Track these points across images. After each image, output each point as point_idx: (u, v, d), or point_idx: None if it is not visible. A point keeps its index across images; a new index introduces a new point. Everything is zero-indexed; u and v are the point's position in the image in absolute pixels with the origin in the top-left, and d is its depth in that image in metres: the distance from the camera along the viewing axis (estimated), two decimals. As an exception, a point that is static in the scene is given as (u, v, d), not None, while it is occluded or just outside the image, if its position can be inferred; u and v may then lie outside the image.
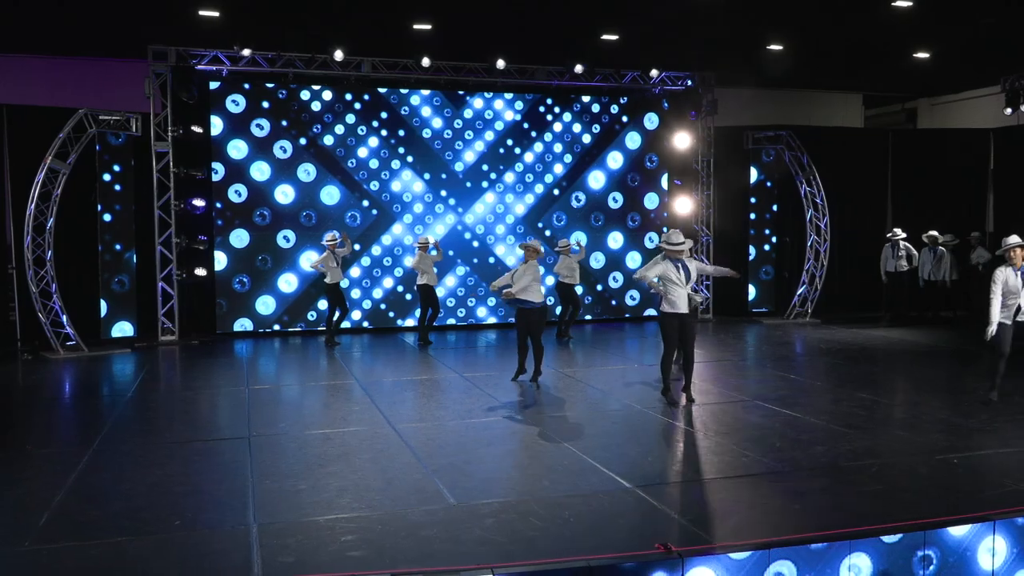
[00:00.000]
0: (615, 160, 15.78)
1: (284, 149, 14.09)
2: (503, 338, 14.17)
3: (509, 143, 15.18)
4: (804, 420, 7.95)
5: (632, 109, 15.84)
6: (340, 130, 14.35)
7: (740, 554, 4.42)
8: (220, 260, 13.92)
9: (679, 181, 16.01)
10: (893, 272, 15.25)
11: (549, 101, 15.38)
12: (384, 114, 14.56)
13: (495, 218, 15.20)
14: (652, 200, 16.05)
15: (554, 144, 15.40)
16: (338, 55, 13.48)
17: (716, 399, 9.09)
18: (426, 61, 14.01)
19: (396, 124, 14.63)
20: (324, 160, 14.29)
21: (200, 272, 13.59)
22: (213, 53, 13.41)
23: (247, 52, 13.41)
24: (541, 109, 15.35)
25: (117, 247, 13.26)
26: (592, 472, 6.40)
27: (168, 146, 13.31)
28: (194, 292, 13.92)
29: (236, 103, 13.88)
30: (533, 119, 15.30)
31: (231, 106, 13.86)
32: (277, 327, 14.27)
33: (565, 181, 15.52)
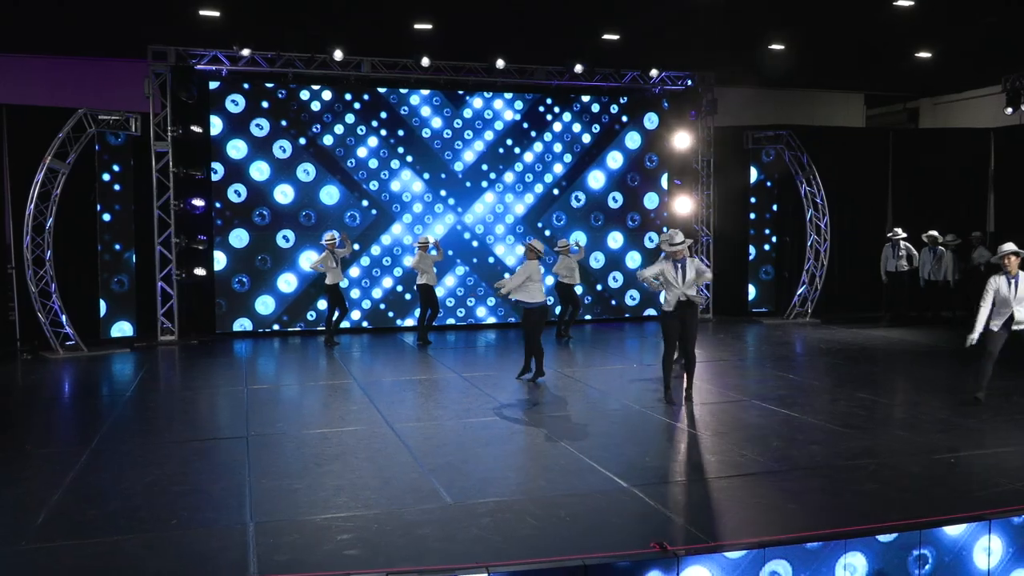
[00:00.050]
0: (615, 160, 15.77)
1: (283, 149, 14.09)
2: (502, 338, 14.18)
3: (509, 143, 15.18)
4: (802, 420, 7.95)
5: (632, 109, 15.83)
6: (339, 130, 14.35)
7: (735, 553, 4.41)
8: (219, 260, 13.92)
9: (679, 181, 16.00)
10: (894, 272, 15.22)
11: (549, 101, 15.37)
12: (383, 114, 14.56)
13: (494, 218, 15.20)
14: (652, 200, 16.04)
15: (554, 144, 15.40)
16: (338, 55, 13.48)
17: (715, 399, 9.09)
18: (426, 61, 14.00)
19: (395, 124, 14.63)
20: (323, 160, 14.29)
21: (199, 272, 13.60)
22: (213, 53, 13.41)
23: (247, 52, 13.41)
24: (541, 109, 15.34)
25: (116, 247, 13.27)
26: (589, 472, 6.40)
27: (168, 146, 13.31)
28: (193, 292, 13.91)
29: (235, 103, 13.88)
30: (533, 119, 15.30)
31: (230, 106, 13.86)
32: (276, 327, 14.27)
33: (565, 181, 15.51)
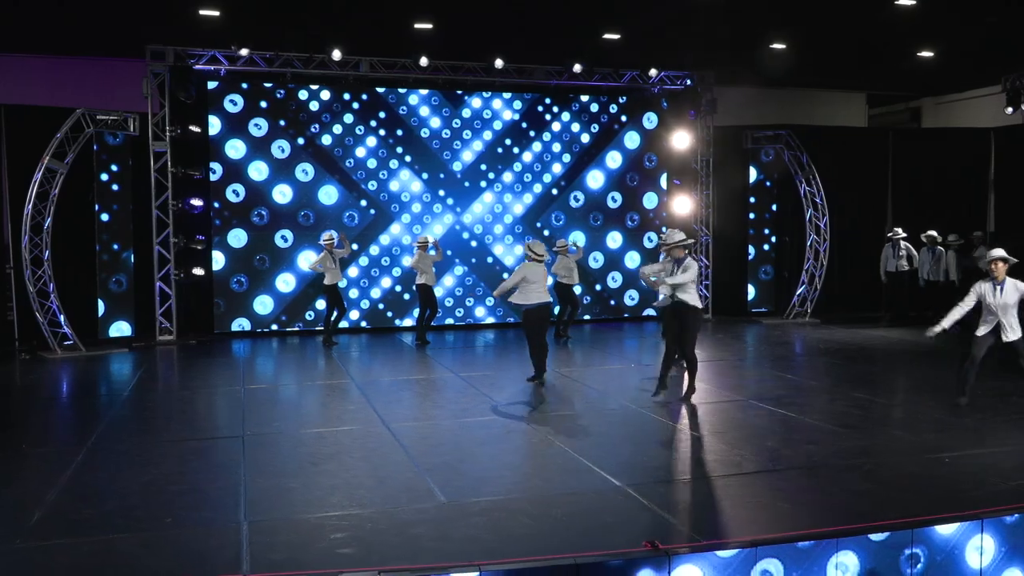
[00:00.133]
0: (614, 160, 15.76)
1: (282, 149, 14.10)
2: (501, 338, 14.19)
3: (507, 143, 15.18)
4: (799, 420, 7.95)
5: (631, 108, 15.82)
6: (338, 130, 14.35)
7: (727, 552, 4.41)
8: (218, 260, 13.93)
9: (678, 181, 16.00)
10: (894, 272, 15.18)
11: (548, 100, 15.37)
12: (382, 114, 14.56)
13: (493, 218, 15.20)
14: (651, 200, 16.04)
15: (553, 144, 15.40)
16: (336, 55, 13.48)
17: (712, 399, 9.09)
18: (424, 61, 14.00)
19: (394, 124, 14.63)
20: (322, 160, 14.30)
21: (198, 272, 13.61)
22: (211, 53, 13.42)
23: (245, 52, 13.42)
24: (539, 108, 15.34)
25: (115, 247, 13.27)
26: (584, 471, 6.40)
27: (166, 146, 13.33)
28: (192, 292, 13.92)
29: (234, 103, 13.89)
30: (531, 119, 15.29)
31: (229, 106, 13.87)
32: (275, 327, 14.27)
33: (564, 181, 15.51)
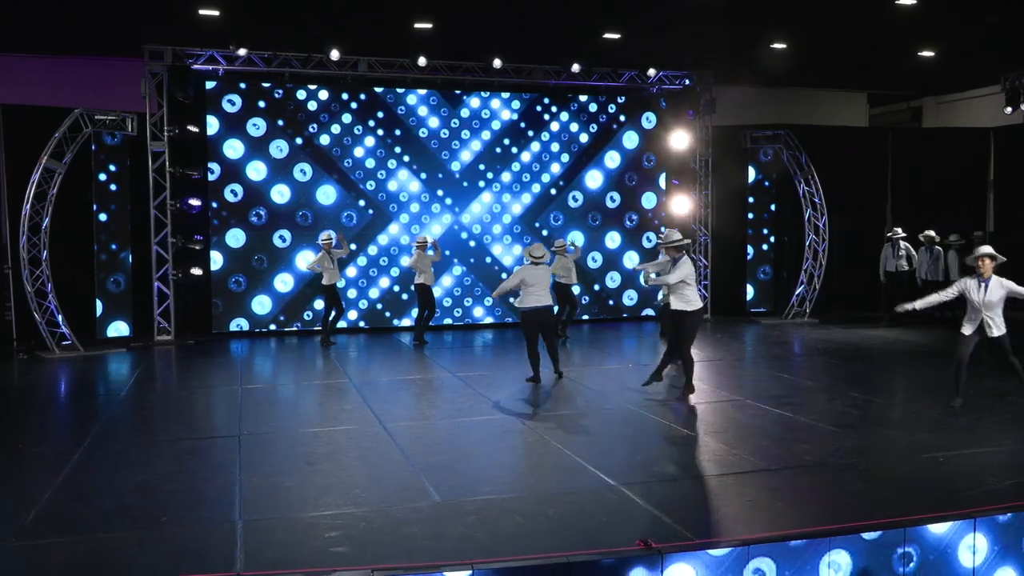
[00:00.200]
0: (612, 160, 15.76)
1: (280, 149, 14.09)
2: (499, 338, 14.19)
3: (506, 142, 15.17)
4: (795, 419, 7.95)
5: (630, 108, 15.81)
6: (336, 129, 14.35)
7: (720, 551, 4.42)
8: (216, 260, 13.92)
9: (677, 181, 15.99)
10: (893, 272, 15.11)
11: (546, 100, 15.36)
12: (380, 113, 14.55)
13: (492, 218, 15.19)
14: (650, 200, 16.03)
15: (551, 143, 15.39)
16: (334, 54, 13.47)
17: (710, 398, 9.09)
18: (422, 60, 14.00)
19: (392, 123, 14.62)
20: (320, 160, 14.29)
21: (196, 272, 13.60)
22: (209, 53, 13.41)
23: (243, 52, 13.41)
24: (538, 108, 15.33)
25: (113, 247, 13.28)
26: (579, 471, 6.40)
27: (164, 146, 13.31)
28: (190, 292, 13.91)
29: (232, 103, 13.89)
30: (530, 118, 15.28)
31: (227, 106, 13.87)
32: (273, 327, 14.26)
33: (562, 181, 15.50)
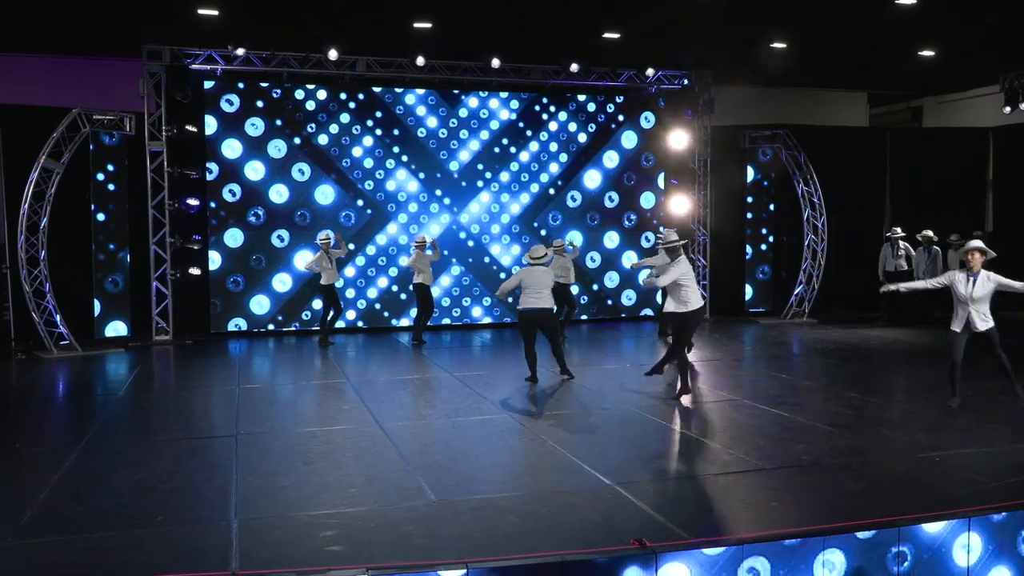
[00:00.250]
0: (611, 159, 15.76)
1: (278, 148, 14.10)
2: (497, 338, 14.19)
3: (504, 142, 15.17)
4: (792, 419, 7.94)
5: (628, 108, 15.81)
6: (335, 129, 14.35)
7: (714, 550, 4.42)
8: (214, 260, 13.93)
9: (675, 180, 16.00)
10: (892, 272, 15.07)
11: (545, 100, 15.36)
12: (379, 113, 14.56)
13: (490, 218, 15.20)
14: (648, 199, 16.03)
15: (550, 143, 15.39)
16: (332, 54, 13.47)
17: (707, 398, 9.09)
18: (421, 60, 14.00)
19: (391, 123, 14.62)
20: (318, 159, 14.30)
21: (194, 272, 13.63)
22: (207, 52, 13.41)
23: (241, 52, 13.41)
24: (537, 108, 15.33)
25: (111, 247, 13.26)
26: (575, 470, 6.40)
27: (162, 145, 13.32)
28: (188, 292, 13.92)
29: (230, 102, 13.89)
30: (528, 118, 15.29)
31: (225, 105, 13.88)
32: (271, 327, 14.27)
33: (561, 180, 15.50)
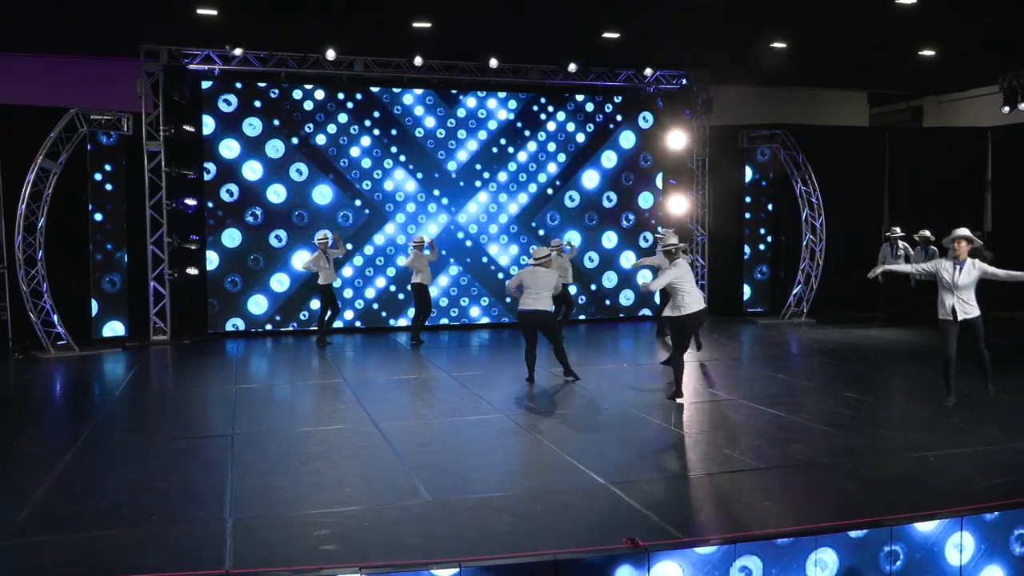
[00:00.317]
0: (609, 159, 15.76)
1: (276, 148, 14.10)
2: (496, 338, 14.19)
3: (502, 142, 15.17)
4: (788, 419, 7.95)
5: (626, 108, 15.81)
6: (332, 129, 14.36)
7: (706, 549, 4.42)
8: (212, 260, 13.93)
9: (674, 180, 16.00)
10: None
11: (543, 100, 15.36)
12: (377, 113, 14.56)
13: (488, 217, 15.20)
14: (647, 199, 16.03)
15: (548, 143, 15.39)
16: (330, 54, 13.47)
17: (704, 398, 9.10)
18: (419, 60, 13.99)
19: (389, 123, 14.63)
20: (316, 159, 14.30)
21: (192, 272, 13.63)
22: (205, 52, 13.41)
23: (239, 52, 13.40)
24: (535, 108, 15.33)
25: (108, 246, 13.25)
26: (570, 469, 6.41)
27: (160, 145, 13.31)
28: (186, 292, 13.92)
29: (228, 102, 13.90)
30: (526, 118, 15.29)
31: (223, 105, 13.88)
32: (269, 327, 14.27)
33: (559, 180, 15.50)
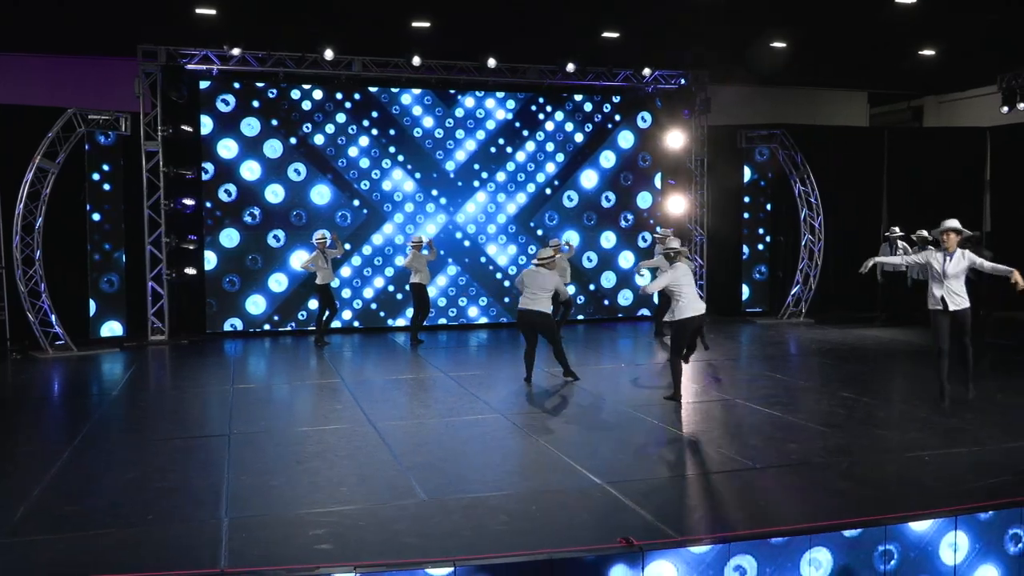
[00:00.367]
0: (607, 159, 15.76)
1: (274, 148, 14.09)
2: (494, 338, 14.18)
3: (501, 142, 15.17)
4: (784, 419, 7.95)
5: (625, 108, 15.81)
6: (330, 129, 14.35)
7: (701, 548, 4.42)
8: (210, 260, 13.93)
9: (672, 180, 16.00)
10: (891, 272, 15.04)
11: (541, 100, 15.36)
12: (375, 113, 14.56)
13: (486, 217, 15.20)
14: (645, 199, 16.03)
15: (546, 143, 15.39)
16: (328, 54, 13.46)
17: (702, 398, 9.10)
18: (417, 60, 13.98)
19: (387, 123, 14.62)
20: (314, 159, 14.29)
21: (190, 272, 13.61)
22: (203, 52, 13.39)
23: (237, 51, 13.38)
24: (533, 108, 15.33)
25: (106, 247, 13.24)
26: (566, 469, 6.41)
27: (158, 145, 13.30)
28: (184, 292, 13.92)
29: (226, 102, 13.89)
30: (525, 118, 15.29)
31: (221, 105, 13.87)
32: (267, 327, 14.27)
33: (557, 180, 15.49)
